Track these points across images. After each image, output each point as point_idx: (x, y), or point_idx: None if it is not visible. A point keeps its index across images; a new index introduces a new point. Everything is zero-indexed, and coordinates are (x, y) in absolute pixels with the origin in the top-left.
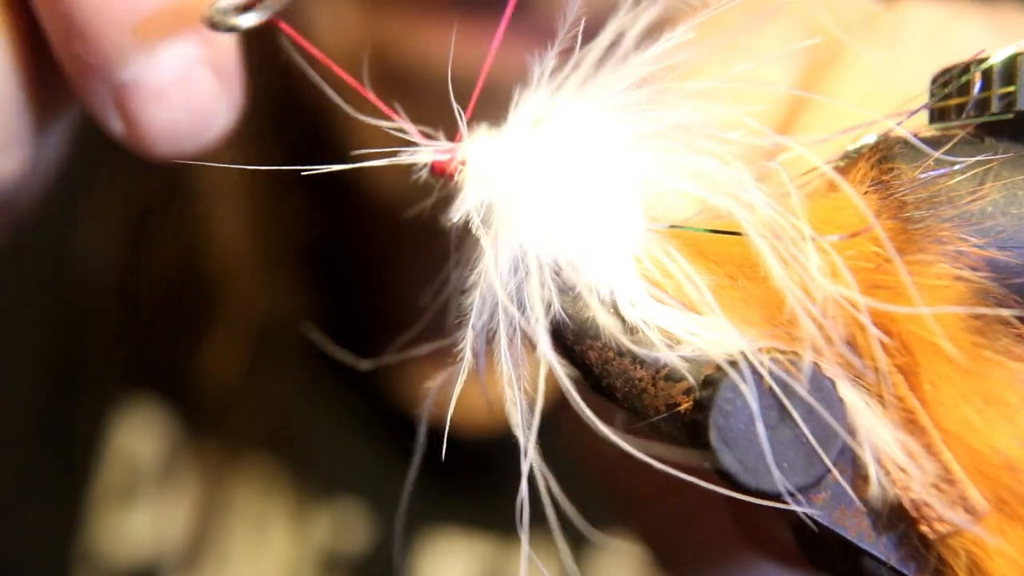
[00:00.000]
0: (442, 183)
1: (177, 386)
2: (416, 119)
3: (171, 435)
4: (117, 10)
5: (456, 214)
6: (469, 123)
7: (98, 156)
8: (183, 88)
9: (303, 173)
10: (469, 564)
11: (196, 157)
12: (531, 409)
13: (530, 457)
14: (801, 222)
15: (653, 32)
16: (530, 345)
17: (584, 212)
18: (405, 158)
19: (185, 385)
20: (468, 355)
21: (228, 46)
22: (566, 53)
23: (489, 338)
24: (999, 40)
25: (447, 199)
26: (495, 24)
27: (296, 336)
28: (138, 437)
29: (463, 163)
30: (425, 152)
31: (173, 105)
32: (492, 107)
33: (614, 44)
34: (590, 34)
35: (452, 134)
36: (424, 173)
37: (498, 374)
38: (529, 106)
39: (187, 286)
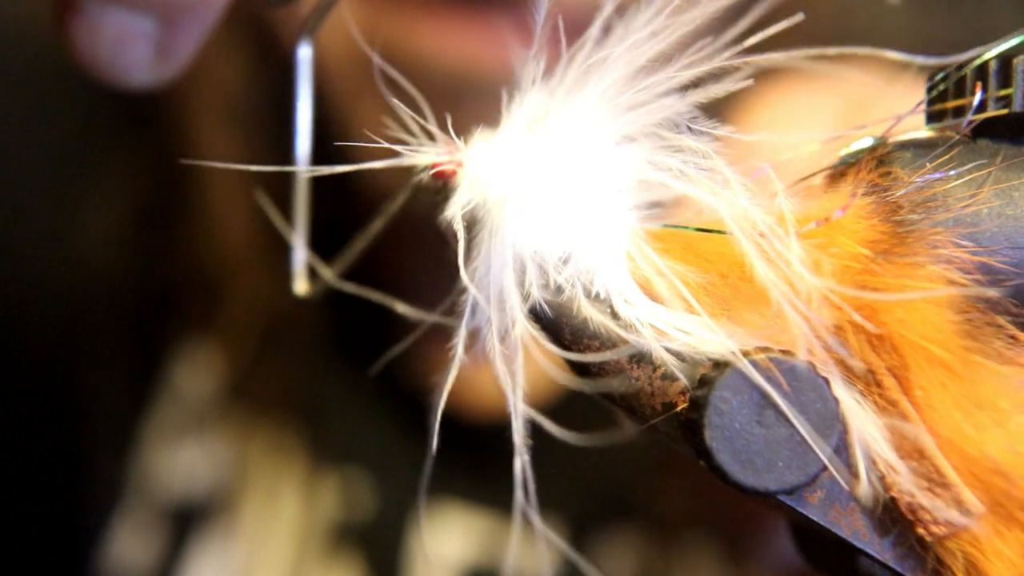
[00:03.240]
0: (441, 185)
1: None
2: (419, 116)
3: (219, 377)
4: None
5: (452, 215)
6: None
7: (103, 151)
8: (118, 45)
9: (304, 173)
10: (468, 537)
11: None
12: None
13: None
14: (777, 216)
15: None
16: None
17: (578, 211)
18: (405, 160)
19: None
20: (460, 350)
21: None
22: (558, 52)
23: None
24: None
25: (445, 194)
26: (496, 20)
27: (304, 322)
28: (191, 375)
29: (460, 165)
30: (425, 155)
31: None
32: (495, 103)
33: (602, 42)
34: (581, 31)
35: (455, 133)
36: (425, 176)
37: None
38: (525, 108)
39: (193, 279)
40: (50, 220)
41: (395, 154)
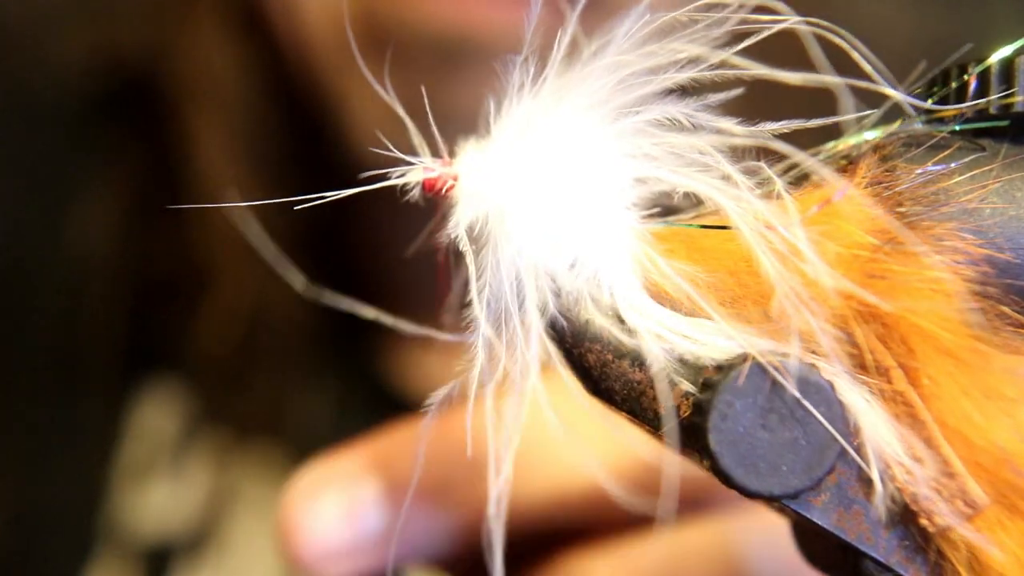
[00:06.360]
0: (434, 200)
1: (184, 367)
2: (405, 83)
3: (188, 411)
4: None
5: (453, 230)
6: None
7: (93, 149)
8: None
9: (298, 201)
10: None
11: None
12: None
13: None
14: (779, 206)
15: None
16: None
17: (578, 215)
18: (395, 180)
19: (189, 367)
20: (481, 361)
21: None
22: (544, 52)
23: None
24: None
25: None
26: None
27: (293, 323)
28: (158, 413)
29: (455, 179)
30: (415, 171)
31: None
32: (483, 72)
33: (586, 42)
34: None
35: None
36: (416, 192)
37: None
38: (514, 115)
39: (183, 274)
40: (41, 222)
41: (387, 167)
